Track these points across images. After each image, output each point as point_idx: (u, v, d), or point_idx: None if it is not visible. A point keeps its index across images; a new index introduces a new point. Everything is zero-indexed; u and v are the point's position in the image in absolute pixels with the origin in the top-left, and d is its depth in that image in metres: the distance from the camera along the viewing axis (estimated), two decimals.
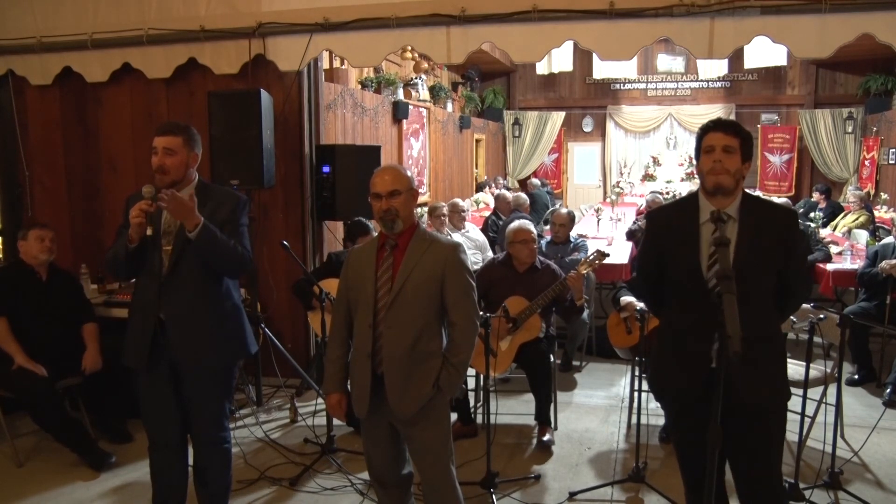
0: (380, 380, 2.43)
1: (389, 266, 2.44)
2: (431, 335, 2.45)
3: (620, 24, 4.07)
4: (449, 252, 2.45)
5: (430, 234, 2.53)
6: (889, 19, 3.75)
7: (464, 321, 2.45)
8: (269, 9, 4.58)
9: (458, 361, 2.46)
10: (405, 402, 2.41)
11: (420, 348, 2.42)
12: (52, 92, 5.22)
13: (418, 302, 2.41)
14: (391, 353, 2.41)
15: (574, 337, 5.34)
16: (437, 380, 2.44)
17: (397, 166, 2.54)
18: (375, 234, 4.26)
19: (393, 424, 2.52)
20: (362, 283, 2.46)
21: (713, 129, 2.27)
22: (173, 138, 2.70)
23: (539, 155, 14.22)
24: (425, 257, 2.43)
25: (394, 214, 2.40)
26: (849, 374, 4.96)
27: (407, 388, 2.41)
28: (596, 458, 3.85)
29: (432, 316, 2.44)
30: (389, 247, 2.45)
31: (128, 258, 2.66)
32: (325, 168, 4.93)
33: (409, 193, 2.44)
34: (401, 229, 2.43)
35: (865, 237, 6.92)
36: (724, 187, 2.22)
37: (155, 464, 2.86)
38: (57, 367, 3.86)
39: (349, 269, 2.54)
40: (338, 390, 2.57)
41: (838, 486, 3.35)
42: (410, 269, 2.41)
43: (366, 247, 2.56)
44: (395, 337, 2.40)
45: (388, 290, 2.41)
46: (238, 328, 2.86)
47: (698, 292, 2.23)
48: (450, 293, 2.43)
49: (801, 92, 13.12)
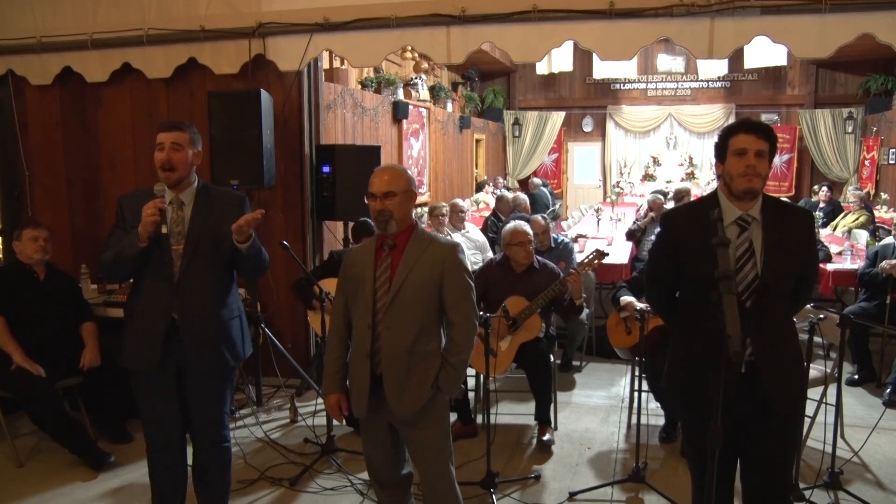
0: (379, 380, 2.43)
1: (388, 266, 2.43)
2: (430, 335, 2.45)
3: (620, 24, 4.07)
4: (447, 252, 2.44)
5: (428, 234, 2.53)
6: (889, 19, 3.75)
7: (462, 321, 2.45)
8: (269, 9, 4.58)
9: (456, 361, 2.46)
10: (404, 403, 2.41)
11: (419, 348, 2.42)
12: (52, 92, 5.22)
13: (417, 302, 2.40)
14: (390, 353, 2.40)
15: (574, 337, 5.34)
16: (436, 380, 2.44)
17: (397, 167, 2.53)
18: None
19: (392, 425, 2.52)
20: (361, 282, 2.46)
21: (744, 130, 2.19)
22: (180, 133, 2.68)
23: (539, 155, 14.22)
24: (424, 257, 2.42)
25: (387, 216, 2.40)
26: (849, 374, 4.96)
27: (406, 388, 2.41)
28: (596, 458, 3.85)
29: (431, 316, 2.44)
30: (388, 247, 2.45)
31: (136, 258, 2.63)
32: (325, 168, 4.93)
33: (405, 195, 2.43)
34: (394, 230, 2.43)
35: (865, 237, 6.91)
36: (755, 191, 2.17)
37: (154, 465, 2.85)
38: (56, 367, 3.86)
39: (347, 268, 2.54)
40: (337, 391, 2.56)
41: (838, 486, 3.34)
42: (409, 269, 2.41)
43: (364, 246, 2.55)
44: (393, 337, 2.40)
45: (387, 290, 2.41)
46: (240, 333, 2.86)
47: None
48: (448, 293, 2.43)
49: (801, 92, 13.12)
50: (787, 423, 2.26)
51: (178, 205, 2.73)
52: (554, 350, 4.34)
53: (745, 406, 2.19)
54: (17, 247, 4.02)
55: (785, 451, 2.28)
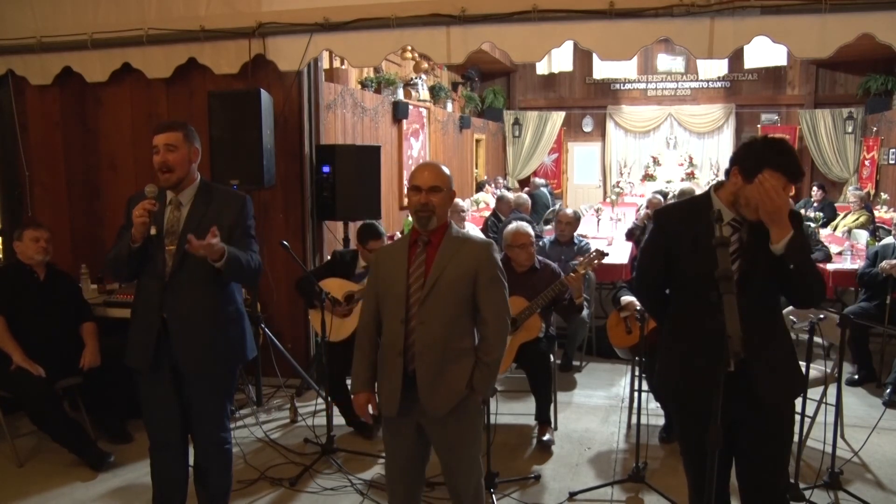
0: (411, 378, 2.41)
1: (422, 262, 2.43)
2: (463, 332, 2.44)
3: (620, 24, 4.07)
4: (482, 250, 2.45)
5: (462, 232, 2.53)
6: (889, 19, 3.75)
7: (496, 319, 2.44)
8: (269, 9, 4.58)
9: (490, 360, 2.44)
10: (437, 400, 2.39)
11: (453, 345, 2.41)
12: (52, 92, 5.22)
13: (451, 298, 2.39)
14: (423, 348, 2.38)
15: (574, 337, 5.34)
16: (470, 380, 2.43)
17: (440, 164, 2.53)
18: (387, 239, 4.28)
19: (421, 425, 2.49)
20: (393, 279, 2.44)
21: (783, 173, 2.07)
22: (173, 133, 2.69)
23: (539, 155, 14.22)
24: (459, 254, 2.42)
25: (431, 210, 2.39)
26: (849, 374, 4.96)
27: (439, 384, 2.39)
28: (596, 458, 3.85)
29: (465, 313, 2.44)
30: (422, 243, 2.44)
31: (130, 258, 2.65)
32: (325, 168, 4.93)
33: (448, 192, 2.45)
34: (434, 226, 2.42)
35: (865, 237, 6.91)
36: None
37: (155, 464, 2.86)
38: (56, 367, 3.86)
39: (378, 266, 2.53)
40: (366, 389, 2.53)
41: (838, 486, 3.35)
42: (444, 266, 2.40)
43: (395, 244, 2.56)
44: (427, 332, 2.38)
45: (421, 286, 2.40)
46: (240, 334, 2.85)
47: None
48: (483, 291, 2.42)
49: (801, 92, 13.12)
50: (780, 418, 2.26)
51: (177, 205, 2.74)
52: (554, 350, 4.34)
53: (737, 403, 2.19)
54: (18, 247, 4.02)
55: (779, 445, 2.28)
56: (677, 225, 2.32)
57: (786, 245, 2.09)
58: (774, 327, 2.28)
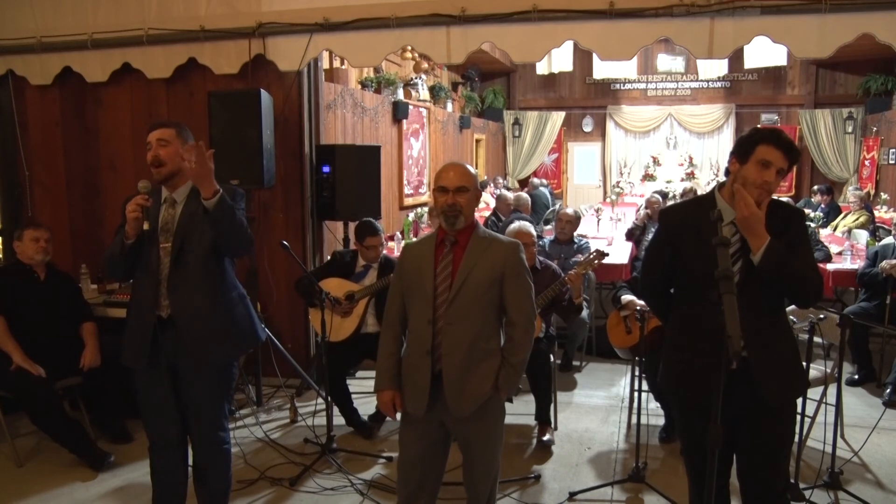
0: (438, 377, 2.41)
1: (449, 262, 2.42)
2: (490, 333, 2.44)
3: (620, 24, 4.07)
4: (510, 251, 2.45)
5: (490, 232, 2.53)
6: (889, 19, 3.75)
7: (524, 321, 2.44)
8: (269, 9, 4.57)
9: (516, 361, 2.45)
10: (463, 400, 2.40)
11: (479, 345, 2.41)
12: (52, 92, 5.23)
13: (478, 299, 2.39)
14: (451, 348, 2.38)
15: (574, 337, 5.34)
16: (496, 380, 2.43)
17: (466, 164, 2.54)
18: (383, 235, 4.28)
19: (444, 424, 2.49)
20: (420, 279, 2.44)
21: (775, 144, 2.16)
22: (165, 129, 2.70)
23: (539, 155, 14.22)
24: (486, 255, 2.42)
25: (458, 210, 2.39)
26: (849, 374, 4.96)
27: (465, 385, 2.39)
28: (596, 458, 3.85)
29: (491, 314, 2.44)
30: (449, 243, 2.44)
31: (124, 255, 2.65)
32: (325, 168, 4.93)
33: (474, 192, 2.45)
34: (461, 226, 2.43)
35: (865, 237, 6.91)
36: (761, 203, 2.18)
37: (155, 464, 2.86)
38: (56, 367, 3.86)
39: (404, 264, 2.52)
40: (391, 387, 2.51)
41: (838, 486, 3.35)
42: (471, 267, 2.40)
43: (422, 243, 2.55)
44: (455, 333, 2.38)
45: (449, 287, 2.40)
46: (247, 316, 2.85)
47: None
48: (509, 292, 2.42)
49: (801, 92, 13.12)
50: (781, 417, 2.26)
51: (171, 203, 2.74)
52: (554, 350, 4.34)
53: (738, 401, 2.19)
54: (18, 247, 4.03)
55: (780, 445, 2.28)
56: (682, 224, 2.34)
57: (761, 255, 2.13)
58: (778, 327, 2.28)
